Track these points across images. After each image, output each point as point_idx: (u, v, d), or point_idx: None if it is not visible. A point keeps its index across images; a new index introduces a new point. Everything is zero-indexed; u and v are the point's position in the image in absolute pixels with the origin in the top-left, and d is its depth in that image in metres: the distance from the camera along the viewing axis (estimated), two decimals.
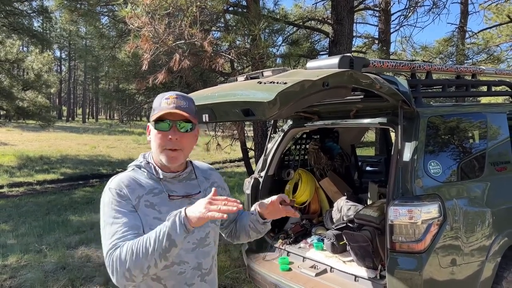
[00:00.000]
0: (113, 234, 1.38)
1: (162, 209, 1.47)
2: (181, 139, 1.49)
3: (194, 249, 1.53)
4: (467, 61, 10.65)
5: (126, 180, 1.49)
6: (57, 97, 52.13)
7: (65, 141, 22.05)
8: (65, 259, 5.10)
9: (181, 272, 1.50)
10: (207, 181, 1.68)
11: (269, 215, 1.68)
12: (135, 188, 1.48)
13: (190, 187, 1.59)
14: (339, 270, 3.12)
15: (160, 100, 1.51)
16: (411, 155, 2.71)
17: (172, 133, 1.48)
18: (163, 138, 1.48)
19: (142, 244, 1.31)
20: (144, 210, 1.46)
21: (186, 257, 1.51)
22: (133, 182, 1.49)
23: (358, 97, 3.07)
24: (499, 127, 3.32)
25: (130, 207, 1.44)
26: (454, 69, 3.59)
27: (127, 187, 1.47)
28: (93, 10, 7.71)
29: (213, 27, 6.38)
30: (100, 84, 40.27)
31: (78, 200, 9.14)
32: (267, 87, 2.16)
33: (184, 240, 1.33)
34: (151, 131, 1.53)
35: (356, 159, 5.20)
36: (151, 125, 1.52)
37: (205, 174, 1.70)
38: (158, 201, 1.49)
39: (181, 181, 1.58)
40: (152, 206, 1.47)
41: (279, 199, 1.64)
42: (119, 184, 1.47)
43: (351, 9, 6.89)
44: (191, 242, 1.52)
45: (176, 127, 1.48)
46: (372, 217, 3.11)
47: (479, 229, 2.79)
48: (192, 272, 1.52)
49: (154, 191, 1.51)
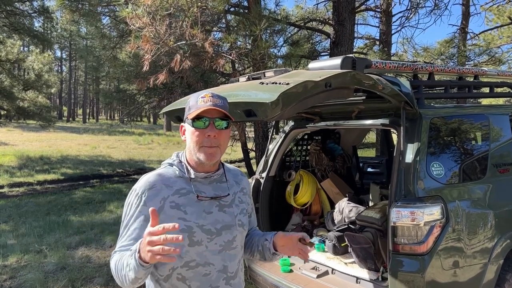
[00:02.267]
0: (121, 241, 1.49)
1: (188, 210, 1.49)
2: (218, 136, 1.50)
3: (220, 251, 1.53)
4: (469, 62, 10.63)
5: (152, 181, 1.51)
6: (58, 97, 52.19)
7: (65, 141, 22.05)
8: (65, 260, 5.08)
9: (206, 274, 1.50)
10: (238, 185, 1.69)
11: (282, 249, 1.68)
12: (160, 189, 1.49)
13: (220, 189, 1.59)
14: (340, 272, 3.10)
15: (196, 98, 1.52)
16: (413, 157, 2.70)
17: (209, 130, 1.48)
18: (200, 135, 1.49)
19: (119, 265, 1.40)
20: (168, 212, 1.47)
21: (212, 258, 1.51)
22: (159, 183, 1.51)
23: (360, 98, 3.06)
24: (502, 128, 3.31)
25: (145, 214, 1.46)
26: (456, 70, 3.59)
27: (151, 189, 1.49)
28: (94, 11, 7.71)
29: (214, 27, 6.38)
30: (101, 84, 40.37)
31: (79, 200, 9.13)
32: (269, 87, 2.15)
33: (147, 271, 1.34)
34: (187, 130, 1.54)
35: (358, 160, 5.19)
36: (188, 123, 1.52)
37: (236, 178, 1.71)
38: (185, 201, 1.50)
39: (212, 183, 1.58)
40: (178, 207, 1.49)
41: (299, 237, 1.64)
42: (144, 187, 1.50)
43: (352, 10, 6.89)
44: (218, 244, 1.52)
45: (213, 124, 1.49)
46: (374, 218, 3.10)
47: (482, 231, 2.78)
48: (218, 274, 1.52)
49: (182, 191, 1.52)
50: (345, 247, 3.27)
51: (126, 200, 1.54)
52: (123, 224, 1.51)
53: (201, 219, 1.50)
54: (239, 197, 1.66)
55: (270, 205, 3.89)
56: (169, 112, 2.83)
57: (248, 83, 2.69)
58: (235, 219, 1.59)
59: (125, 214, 1.51)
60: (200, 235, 1.48)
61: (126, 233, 1.48)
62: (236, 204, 1.63)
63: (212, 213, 1.53)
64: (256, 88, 2.28)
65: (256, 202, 3.77)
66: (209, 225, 1.51)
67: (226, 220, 1.56)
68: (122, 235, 1.50)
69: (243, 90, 2.37)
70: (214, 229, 1.52)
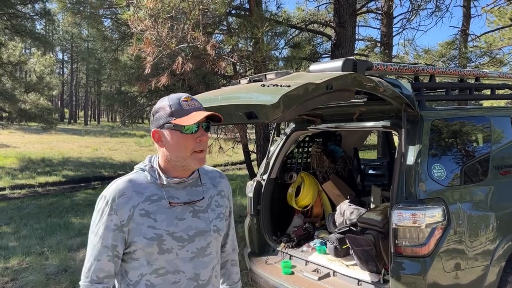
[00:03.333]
0: (91, 263, 1.45)
1: (158, 217, 1.44)
2: (206, 137, 1.47)
3: (192, 258, 1.48)
4: (470, 64, 10.63)
5: (122, 188, 1.46)
6: (59, 99, 52.22)
7: (67, 143, 22.09)
8: (66, 262, 5.09)
9: (175, 282, 1.46)
10: (215, 188, 1.63)
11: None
12: (131, 197, 1.44)
13: (195, 194, 1.54)
14: (342, 274, 3.10)
15: (177, 102, 1.44)
16: (415, 159, 2.70)
17: (200, 134, 1.44)
18: (191, 141, 1.43)
19: None
20: (138, 220, 1.43)
21: (182, 266, 1.46)
22: (130, 190, 1.46)
23: (362, 100, 3.06)
24: (503, 130, 3.31)
25: (115, 222, 1.43)
26: (457, 72, 3.58)
27: (121, 196, 1.44)
28: (95, 13, 7.72)
29: (216, 30, 6.39)
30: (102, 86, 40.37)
31: (80, 202, 9.14)
32: (270, 90, 2.16)
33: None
34: (171, 136, 1.44)
35: (359, 162, 5.18)
36: (174, 129, 1.42)
37: (214, 181, 1.64)
38: (155, 208, 1.45)
39: (186, 187, 1.53)
40: (148, 215, 1.44)
41: None
42: (114, 194, 1.44)
43: (353, 12, 6.89)
44: (190, 251, 1.48)
45: (202, 128, 1.45)
46: (376, 220, 3.09)
47: (483, 233, 2.77)
48: (188, 282, 1.47)
49: (153, 197, 1.46)
50: (346, 249, 3.27)
51: (96, 204, 1.49)
52: (91, 230, 1.47)
53: (172, 226, 1.45)
54: (215, 201, 1.60)
55: (272, 207, 3.89)
56: None
57: (249, 85, 2.70)
58: (210, 224, 1.53)
59: (94, 221, 1.47)
60: (171, 243, 1.44)
61: (99, 242, 1.44)
62: (212, 208, 1.57)
63: (185, 219, 1.48)
64: (258, 90, 2.29)
65: (257, 204, 3.77)
66: (180, 232, 1.46)
67: (200, 226, 1.51)
68: (91, 242, 1.47)
69: (245, 93, 2.38)
70: (186, 236, 1.47)
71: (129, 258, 1.46)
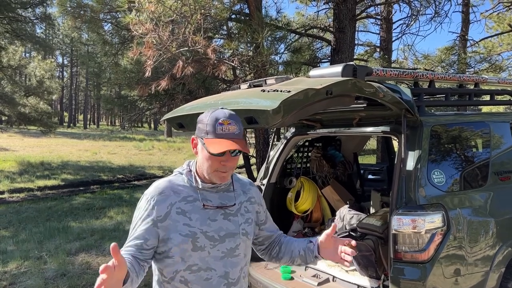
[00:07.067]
0: (127, 240, 1.56)
1: (193, 216, 1.55)
2: (232, 162, 1.55)
3: (222, 257, 1.58)
4: (469, 69, 10.66)
5: (162, 187, 1.58)
6: (59, 103, 52.28)
7: (66, 147, 22.06)
8: (65, 266, 5.07)
9: (207, 279, 1.55)
10: (245, 195, 1.74)
11: (325, 252, 1.73)
12: (169, 195, 1.56)
13: (226, 198, 1.65)
14: (341, 279, 3.09)
15: (213, 122, 1.51)
16: (415, 164, 2.70)
17: (225, 159, 1.53)
18: (216, 162, 1.53)
19: None
20: (174, 217, 1.54)
21: (214, 264, 1.56)
22: (168, 189, 1.58)
23: (361, 105, 3.06)
24: (502, 136, 3.31)
25: (152, 217, 1.54)
26: (457, 77, 3.59)
27: (160, 194, 1.56)
28: (96, 17, 7.75)
29: (216, 34, 6.41)
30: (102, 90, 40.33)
31: (79, 206, 9.11)
32: (270, 95, 2.16)
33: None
34: (201, 149, 1.56)
35: (359, 167, 5.18)
36: (204, 146, 1.52)
37: (244, 188, 1.76)
38: (190, 208, 1.56)
39: (219, 192, 1.64)
40: (183, 213, 1.55)
41: (344, 242, 1.69)
42: (154, 192, 1.57)
43: (353, 17, 6.93)
44: (221, 251, 1.57)
45: (229, 153, 1.53)
46: (375, 226, 3.09)
47: (483, 239, 2.77)
48: (219, 279, 1.56)
49: (188, 198, 1.58)
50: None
51: (138, 202, 1.61)
52: (132, 225, 1.58)
53: (205, 225, 1.56)
54: (245, 207, 1.71)
55: (271, 212, 3.81)
56: (171, 119, 2.84)
57: (249, 91, 2.70)
58: (239, 227, 1.64)
59: (135, 217, 1.58)
60: (204, 241, 1.54)
61: (133, 234, 1.55)
62: (242, 213, 1.68)
63: (217, 220, 1.59)
64: (258, 96, 2.29)
65: None
66: (212, 232, 1.56)
67: (230, 228, 1.61)
68: (129, 235, 1.57)
69: (245, 98, 2.38)
70: (218, 236, 1.57)
71: (164, 256, 1.55)
